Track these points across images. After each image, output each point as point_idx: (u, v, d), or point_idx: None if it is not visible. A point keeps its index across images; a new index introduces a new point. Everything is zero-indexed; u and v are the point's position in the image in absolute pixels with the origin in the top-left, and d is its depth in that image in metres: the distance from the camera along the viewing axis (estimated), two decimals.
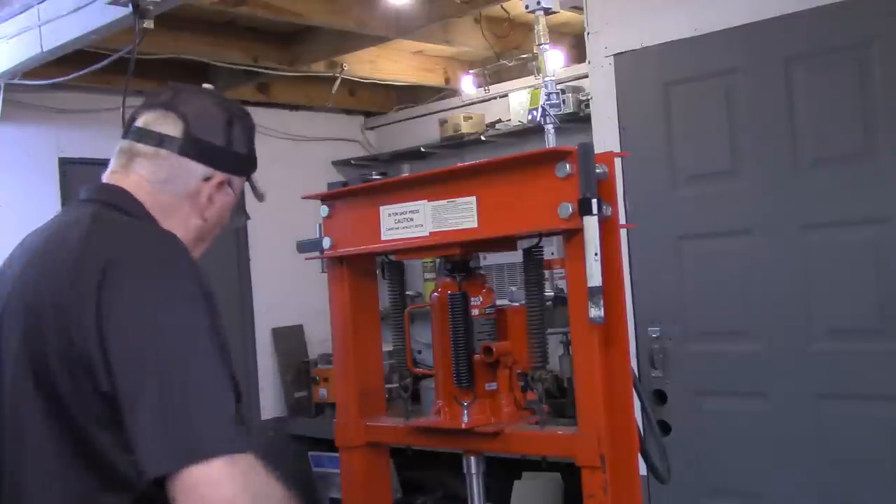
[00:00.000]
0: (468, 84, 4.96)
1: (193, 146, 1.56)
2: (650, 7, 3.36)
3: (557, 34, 4.47)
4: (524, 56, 4.57)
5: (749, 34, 3.12)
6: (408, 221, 1.88)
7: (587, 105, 3.91)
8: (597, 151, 1.65)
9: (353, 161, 5.56)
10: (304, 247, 2.08)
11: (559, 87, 2.65)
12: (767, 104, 3.10)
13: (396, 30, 4.09)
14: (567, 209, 1.63)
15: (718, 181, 3.23)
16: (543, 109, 2.55)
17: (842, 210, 2.98)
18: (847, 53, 2.96)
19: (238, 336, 5.08)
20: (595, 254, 1.60)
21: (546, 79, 2.58)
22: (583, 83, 4.19)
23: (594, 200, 1.61)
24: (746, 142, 3.16)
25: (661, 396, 3.35)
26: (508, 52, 4.63)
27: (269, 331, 5.27)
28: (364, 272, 2.11)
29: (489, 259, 4.41)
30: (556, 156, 1.67)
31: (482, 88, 4.94)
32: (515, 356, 1.87)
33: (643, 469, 1.80)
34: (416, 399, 3.07)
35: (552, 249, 2.97)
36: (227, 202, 1.64)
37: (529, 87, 4.64)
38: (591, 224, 1.61)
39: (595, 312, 1.61)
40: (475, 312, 1.89)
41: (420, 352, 2.90)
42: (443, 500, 4.80)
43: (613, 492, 1.65)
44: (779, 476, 3.09)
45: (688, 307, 3.31)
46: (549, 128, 2.54)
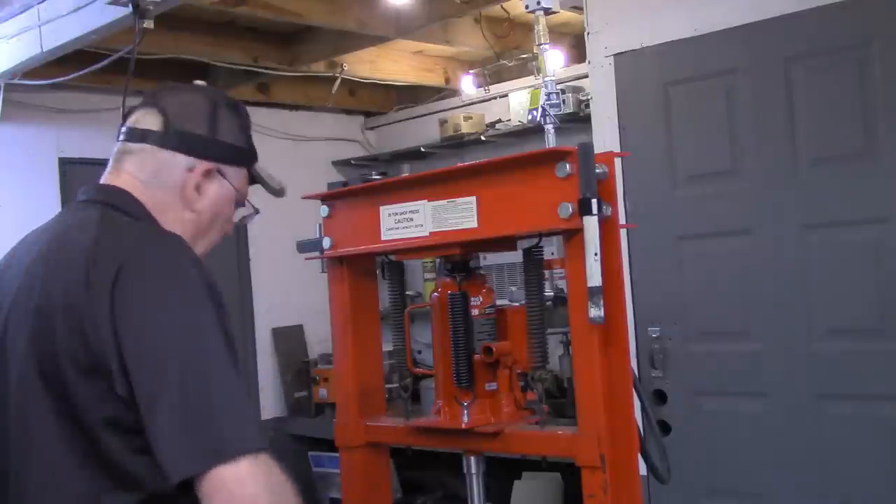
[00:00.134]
0: (468, 84, 4.96)
1: (174, 138, 1.56)
2: (650, 7, 3.36)
3: (557, 34, 4.47)
4: (524, 56, 4.57)
5: (749, 34, 3.12)
6: (408, 221, 1.88)
7: (587, 105, 3.91)
8: (597, 151, 1.65)
9: (353, 161, 5.56)
10: (304, 247, 2.07)
11: (559, 87, 2.64)
12: (767, 104, 3.10)
13: (396, 30, 4.09)
14: (567, 209, 1.63)
15: (718, 181, 3.23)
16: (543, 109, 2.54)
17: (842, 210, 2.98)
18: (847, 53, 2.96)
19: (238, 336, 5.01)
20: (595, 254, 1.60)
21: (546, 79, 2.57)
22: (583, 83, 4.19)
23: (594, 200, 1.61)
24: (746, 142, 3.16)
25: (661, 396, 3.35)
26: (508, 52, 4.63)
27: (269, 331, 5.27)
28: (364, 272, 2.10)
29: (489, 259, 4.41)
30: (556, 156, 1.67)
31: (482, 88, 4.94)
32: (515, 356, 1.87)
33: (643, 469, 1.80)
34: (416, 399, 3.06)
35: (552, 249, 2.97)
36: (223, 193, 1.61)
37: (529, 87, 4.64)
38: (591, 224, 1.61)
39: (595, 312, 1.61)
40: (475, 312, 1.89)
41: (420, 352, 2.91)
42: (443, 500, 4.80)
43: (613, 492, 1.65)
44: (779, 476, 3.09)
45: (688, 307, 3.31)
46: (549, 128, 2.54)
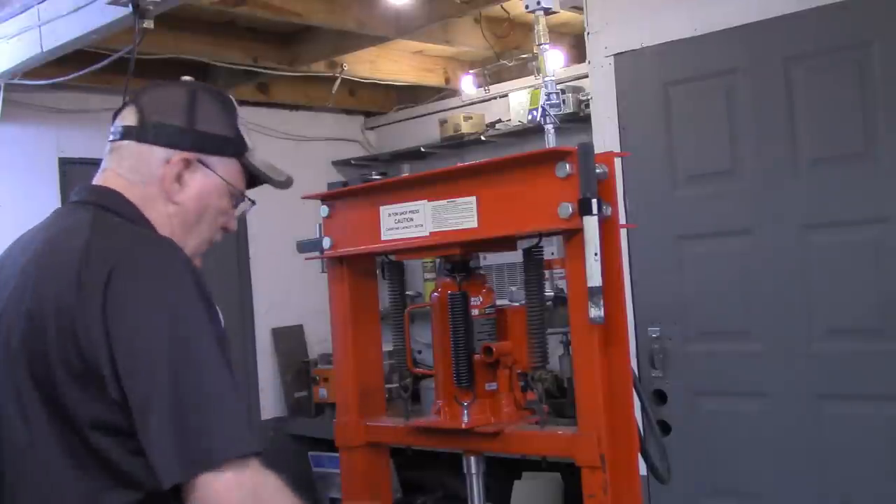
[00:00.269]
0: (468, 84, 4.96)
1: (150, 130, 1.56)
2: (650, 7, 3.36)
3: (557, 34, 4.47)
4: (524, 56, 4.57)
5: (749, 34, 3.12)
6: (408, 221, 1.88)
7: (587, 105, 3.91)
8: (597, 151, 1.65)
9: (353, 161, 5.56)
10: (304, 247, 2.07)
11: (559, 87, 2.64)
12: (767, 104, 3.10)
13: (396, 30, 4.09)
14: (567, 209, 1.63)
15: (718, 181, 3.23)
16: (543, 109, 2.54)
17: (842, 210, 2.98)
18: (847, 53, 2.96)
19: (238, 336, 5.07)
20: (595, 254, 1.60)
21: (546, 79, 2.57)
22: (583, 83, 4.19)
23: (594, 200, 1.61)
24: (746, 142, 3.16)
25: (661, 396, 3.35)
26: (508, 52, 4.63)
27: (269, 331, 5.27)
28: (364, 272, 2.10)
29: (489, 259, 4.41)
30: (556, 156, 1.67)
31: (482, 88, 4.94)
32: (515, 356, 1.87)
33: (643, 469, 1.80)
34: (416, 399, 3.07)
35: (552, 249, 2.97)
36: (208, 184, 1.59)
37: (529, 87, 4.64)
38: (591, 224, 1.61)
39: (595, 312, 1.61)
40: (475, 312, 1.89)
41: (420, 352, 2.90)
42: (443, 500, 4.80)
43: (613, 492, 1.65)
44: (779, 476, 3.09)
45: (688, 307, 3.30)
46: (549, 128, 2.54)
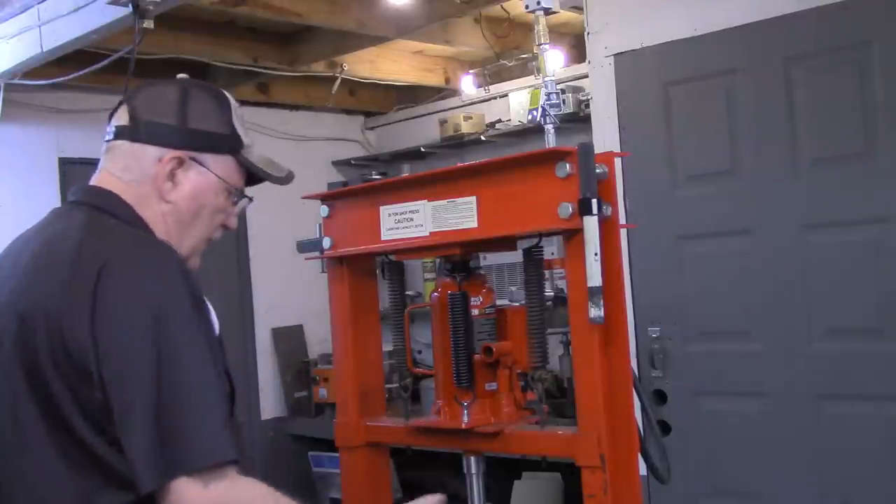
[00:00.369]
0: (468, 84, 4.96)
1: (142, 130, 1.55)
2: (650, 7, 3.36)
3: (557, 34, 4.47)
4: (524, 56, 4.56)
5: (749, 34, 3.12)
6: (408, 221, 1.88)
7: (587, 105, 3.91)
8: (597, 151, 1.65)
9: (353, 161, 5.56)
10: (304, 247, 2.07)
11: (559, 87, 2.64)
12: (767, 104, 3.10)
13: (396, 30, 4.09)
14: (567, 209, 1.63)
15: (718, 181, 3.23)
16: (543, 109, 2.54)
17: (842, 210, 2.98)
18: (847, 53, 2.96)
19: (238, 336, 5.07)
20: (595, 254, 1.60)
21: (546, 79, 2.57)
22: (583, 83, 4.19)
23: (594, 200, 1.61)
24: (746, 142, 3.16)
25: (661, 396, 3.35)
26: (508, 52, 4.63)
27: (269, 331, 5.27)
28: (364, 272, 2.10)
29: (489, 259, 4.41)
30: (556, 156, 1.67)
31: (482, 88, 4.94)
32: (515, 356, 1.87)
33: (643, 469, 1.80)
34: (416, 399, 3.06)
35: (552, 249, 2.97)
36: (203, 182, 1.58)
37: (529, 87, 4.64)
38: (591, 224, 1.61)
39: (595, 312, 1.61)
40: (475, 312, 1.89)
41: (420, 352, 2.90)
42: None
43: (613, 492, 1.65)
44: (779, 476, 3.09)
45: (688, 307, 3.30)
46: (549, 128, 2.54)
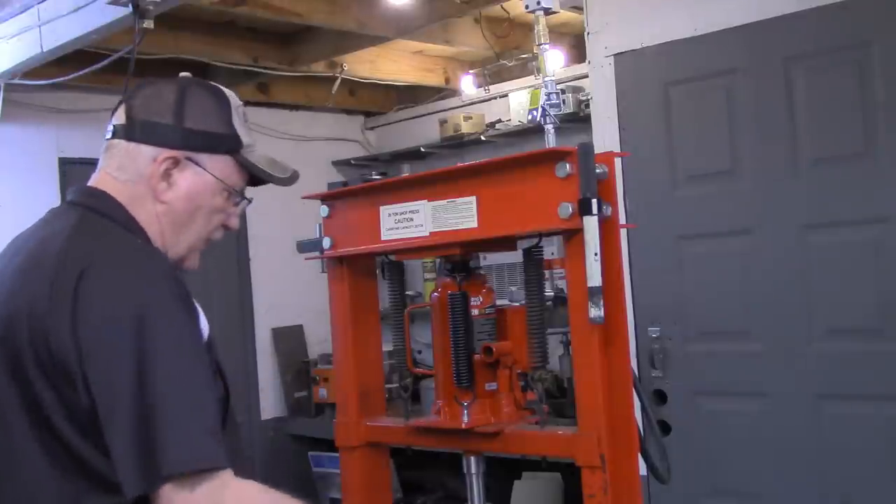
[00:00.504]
0: (468, 84, 4.96)
1: (137, 128, 1.54)
2: (650, 7, 3.36)
3: (557, 34, 4.47)
4: (524, 56, 4.57)
5: (749, 34, 3.12)
6: (408, 221, 1.88)
7: (587, 105, 3.91)
8: (597, 151, 1.65)
9: (353, 161, 5.56)
10: (304, 247, 2.07)
11: (559, 87, 2.64)
12: (767, 104, 3.10)
13: (396, 30, 4.09)
14: (567, 209, 1.63)
15: (718, 181, 3.23)
16: (543, 109, 2.54)
17: (842, 210, 2.98)
18: (847, 53, 2.96)
19: (238, 336, 5.08)
20: (595, 254, 1.60)
21: (546, 79, 2.57)
22: (583, 83, 4.19)
23: (594, 200, 1.61)
24: (746, 142, 3.16)
25: (661, 396, 3.35)
26: (508, 52, 4.63)
27: (269, 331, 5.27)
28: (364, 272, 2.10)
29: (489, 259, 4.41)
30: (556, 156, 1.67)
31: (482, 88, 4.94)
32: (515, 356, 1.87)
33: (643, 469, 1.80)
34: (416, 399, 3.06)
35: (552, 249, 2.97)
36: (199, 183, 1.56)
37: (529, 87, 4.64)
38: (591, 224, 1.61)
39: (595, 312, 1.61)
40: (475, 312, 1.89)
41: (420, 352, 2.90)
42: (443, 500, 4.80)
43: (613, 492, 1.65)
44: (778, 476, 3.09)
45: (688, 307, 3.30)
46: (549, 128, 2.54)
